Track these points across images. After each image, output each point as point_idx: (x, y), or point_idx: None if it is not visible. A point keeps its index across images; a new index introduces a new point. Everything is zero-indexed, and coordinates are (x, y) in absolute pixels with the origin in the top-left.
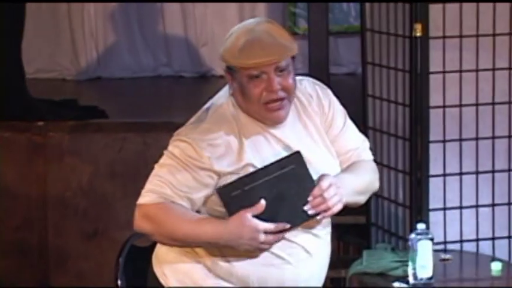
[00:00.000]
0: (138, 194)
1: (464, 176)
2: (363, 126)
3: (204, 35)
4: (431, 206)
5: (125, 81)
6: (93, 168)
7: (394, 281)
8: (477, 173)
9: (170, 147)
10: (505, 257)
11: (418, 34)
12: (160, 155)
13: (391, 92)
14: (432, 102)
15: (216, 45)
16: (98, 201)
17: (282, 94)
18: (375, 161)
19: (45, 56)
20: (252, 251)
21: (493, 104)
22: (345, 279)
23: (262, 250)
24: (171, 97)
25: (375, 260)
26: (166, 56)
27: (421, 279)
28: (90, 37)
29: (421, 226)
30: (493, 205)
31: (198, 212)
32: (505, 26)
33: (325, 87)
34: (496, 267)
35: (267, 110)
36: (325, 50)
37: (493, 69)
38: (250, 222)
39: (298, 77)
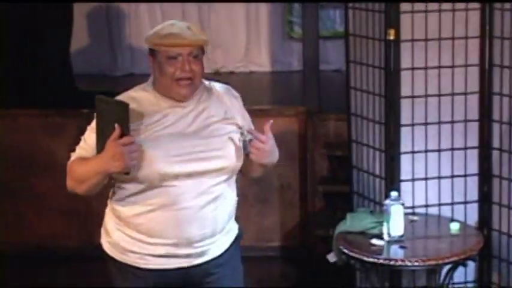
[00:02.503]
0: None
1: (429, 153)
2: (346, 113)
3: (217, 40)
4: (402, 178)
5: None
6: None
7: (372, 237)
8: (439, 150)
9: None
10: (462, 219)
11: (392, 38)
12: None
13: (370, 85)
14: (403, 93)
15: (227, 47)
16: None
17: (190, 75)
18: (356, 141)
19: (90, 55)
20: (143, 184)
21: (452, 94)
22: (332, 237)
23: (124, 163)
24: None
25: (356, 221)
26: None
27: (394, 236)
28: (125, 39)
29: (393, 194)
30: (452, 176)
31: None
32: (462, 31)
33: (237, 95)
34: (454, 227)
35: (177, 85)
36: (316, 50)
37: (452, 66)
38: (110, 141)
39: (219, 84)
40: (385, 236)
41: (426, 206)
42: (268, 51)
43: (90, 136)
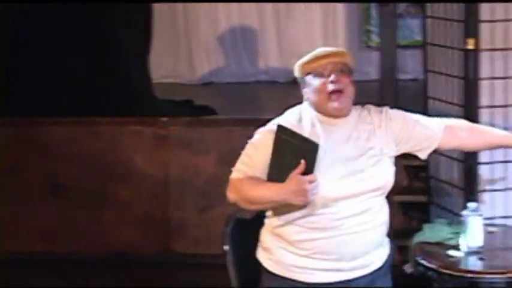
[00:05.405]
0: None
1: (509, 164)
2: None
3: (294, 49)
4: (480, 188)
5: (231, 86)
6: (206, 155)
7: (449, 249)
8: None
9: (253, 138)
10: None
11: (471, 47)
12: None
13: (448, 95)
14: (482, 103)
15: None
16: (209, 182)
17: (341, 86)
18: (434, 151)
19: (168, 65)
20: (306, 209)
21: None
22: (408, 247)
23: (307, 199)
24: (266, 98)
25: (434, 231)
26: (264, 64)
27: (472, 247)
28: (203, 51)
29: (472, 205)
30: None
31: None
32: None
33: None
34: None
35: (329, 100)
36: (393, 59)
37: None
38: (296, 176)
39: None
40: (463, 247)
41: (505, 217)
42: None
43: (256, 155)
